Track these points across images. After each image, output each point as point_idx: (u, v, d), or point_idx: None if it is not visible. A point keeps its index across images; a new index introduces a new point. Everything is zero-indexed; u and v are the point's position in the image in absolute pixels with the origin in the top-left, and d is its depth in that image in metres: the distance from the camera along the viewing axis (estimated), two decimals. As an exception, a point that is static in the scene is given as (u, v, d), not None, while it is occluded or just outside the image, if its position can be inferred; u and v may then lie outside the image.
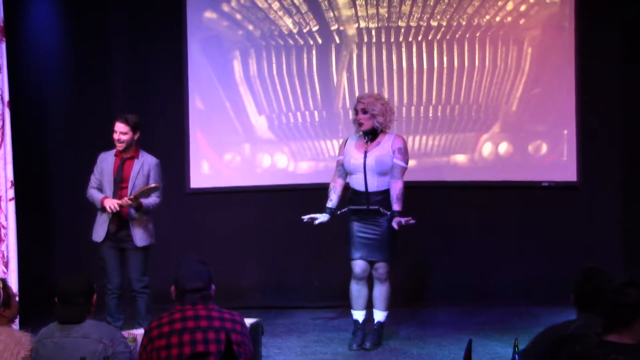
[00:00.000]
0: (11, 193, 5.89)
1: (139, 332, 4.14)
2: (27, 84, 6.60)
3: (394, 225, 5.31)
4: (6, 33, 5.96)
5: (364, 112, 5.46)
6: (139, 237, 5.59)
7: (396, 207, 5.37)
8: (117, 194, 5.58)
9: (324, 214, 5.56)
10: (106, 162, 5.68)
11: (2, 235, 5.84)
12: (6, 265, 5.80)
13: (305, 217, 5.56)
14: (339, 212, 5.57)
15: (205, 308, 3.42)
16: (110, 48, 7.43)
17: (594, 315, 3.34)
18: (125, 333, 4.12)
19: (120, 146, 5.63)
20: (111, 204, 5.50)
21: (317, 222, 5.54)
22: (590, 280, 3.42)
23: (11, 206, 5.87)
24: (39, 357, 3.48)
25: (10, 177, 5.91)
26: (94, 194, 5.66)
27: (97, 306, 3.68)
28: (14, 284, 5.72)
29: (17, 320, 5.41)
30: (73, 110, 6.94)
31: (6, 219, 5.86)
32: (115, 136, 5.62)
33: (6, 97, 5.94)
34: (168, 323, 3.38)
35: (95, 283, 3.65)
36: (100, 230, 5.62)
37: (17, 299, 5.47)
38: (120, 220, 5.58)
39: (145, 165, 5.65)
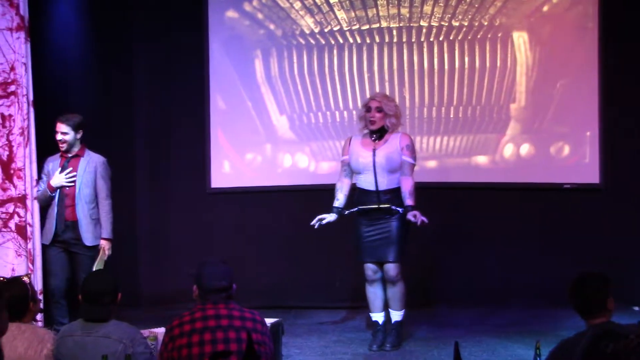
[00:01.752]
0: (36, 191, 5.95)
1: (160, 330, 4.17)
2: (50, 84, 6.65)
3: (410, 217, 5.25)
4: (30, 33, 6.02)
5: (379, 110, 5.43)
6: (86, 236, 5.57)
7: (409, 202, 5.32)
8: (62, 194, 5.58)
9: (332, 214, 5.51)
10: (52, 164, 5.70)
11: (29, 233, 5.90)
12: (32, 262, 5.86)
13: (314, 222, 5.51)
14: (346, 212, 5.54)
15: (227, 307, 3.43)
16: (132, 48, 7.48)
17: (600, 321, 3.30)
18: (146, 332, 4.15)
19: (62, 146, 5.63)
20: (58, 179, 5.53)
21: (324, 221, 5.49)
22: (588, 285, 3.38)
23: (36, 204, 5.93)
24: (60, 355, 3.51)
25: (35, 175, 5.97)
26: (40, 191, 5.68)
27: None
28: (38, 281, 5.78)
29: (41, 317, 5.47)
30: (95, 110, 6.99)
31: (32, 217, 5.93)
32: (57, 137, 5.63)
33: (31, 97, 6.00)
34: (189, 322, 3.40)
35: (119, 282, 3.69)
36: (47, 233, 5.62)
37: (40, 296, 5.56)
38: (64, 220, 5.57)
39: (91, 163, 5.63)
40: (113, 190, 5.80)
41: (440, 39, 7.12)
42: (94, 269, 5.38)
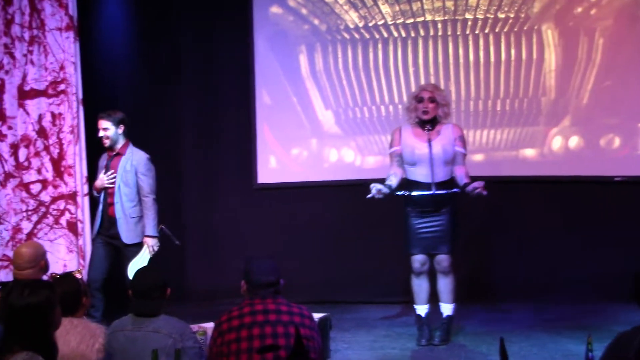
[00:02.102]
0: (86, 188, 6.06)
1: (209, 325, 4.20)
2: (99, 82, 6.76)
3: (475, 184, 5.19)
4: (79, 33, 6.12)
5: (432, 100, 5.42)
6: (125, 235, 5.57)
7: (466, 180, 5.32)
8: (107, 192, 5.61)
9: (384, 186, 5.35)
10: (102, 161, 5.74)
11: (79, 229, 6.01)
12: (83, 258, 5.97)
13: (373, 191, 5.26)
14: (399, 193, 5.44)
15: (274, 302, 3.46)
16: (178, 45, 7.56)
17: None
18: (195, 327, 4.19)
19: (105, 142, 5.64)
20: (100, 181, 5.60)
21: (378, 187, 5.27)
22: None
23: (86, 201, 6.04)
24: (111, 350, 3.56)
25: (85, 172, 6.08)
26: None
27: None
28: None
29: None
30: (143, 108, 7.07)
31: (82, 214, 6.03)
32: (99, 133, 5.64)
33: (80, 95, 6.11)
34: (238, 317, 3.43)
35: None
36: (94, 228, 5.69)
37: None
38: (109, 217, 5.61)
39: (132, 162, 5.61)
40: (160, 187, 5.82)
41: (486, 31, 7.05)
42: (130, 266, 5.40)
